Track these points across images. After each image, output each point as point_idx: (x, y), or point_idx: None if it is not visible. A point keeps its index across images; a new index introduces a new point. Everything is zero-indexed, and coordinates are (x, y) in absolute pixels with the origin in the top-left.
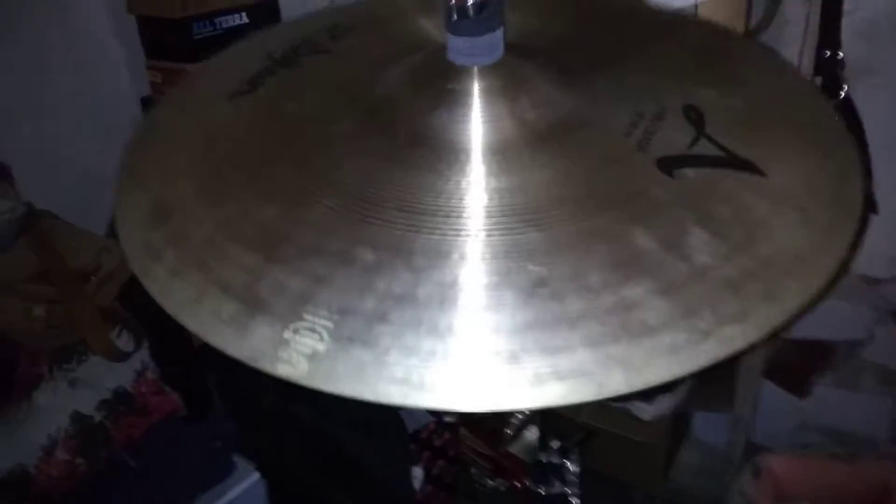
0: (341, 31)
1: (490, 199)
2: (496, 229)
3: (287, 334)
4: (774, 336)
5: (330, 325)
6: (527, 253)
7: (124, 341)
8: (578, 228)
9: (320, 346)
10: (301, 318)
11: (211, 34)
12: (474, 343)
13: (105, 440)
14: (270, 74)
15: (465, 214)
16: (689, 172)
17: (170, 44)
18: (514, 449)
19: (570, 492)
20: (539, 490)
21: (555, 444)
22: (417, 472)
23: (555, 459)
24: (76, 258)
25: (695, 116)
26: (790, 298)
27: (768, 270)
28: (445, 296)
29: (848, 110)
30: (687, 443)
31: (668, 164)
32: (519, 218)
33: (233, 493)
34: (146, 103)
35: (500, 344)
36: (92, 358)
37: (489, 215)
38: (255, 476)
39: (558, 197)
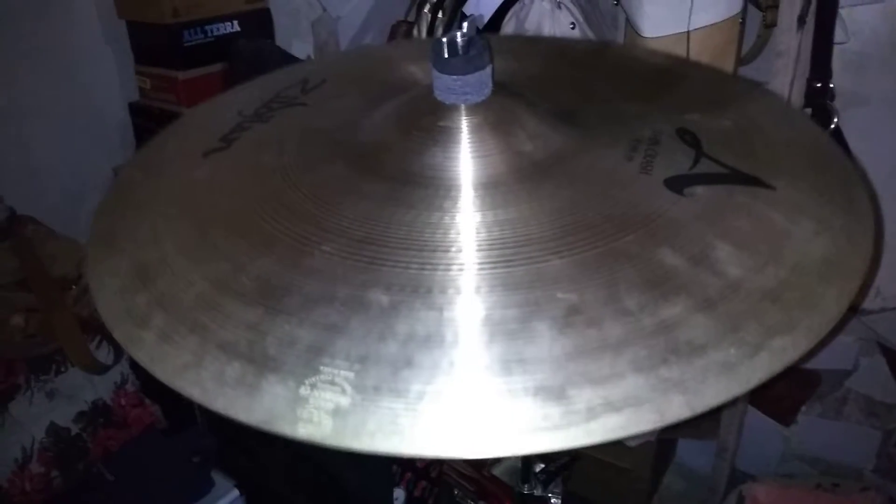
0: (312, 85)
1: (501, 230)
2: (516, 259)
3: (304, 390)
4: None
5: (351, 374)
6: (552, 281)
7: (104, 353)
8: (601, 253)
9: (343, 400)
10: (317, 372)
11: (202, 41)
12: (515, 381)
13: (82, 453)
14: (244, 129)
15: (477, 246)
16: (699, 190)
17: (159, 50)
18: (498, 472)
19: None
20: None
21: (538, 467)
22: (399, 494)
23: (538, 491)
24: (57, 266)
25: (690, 139)
26: (830, 303)
27: (802, 278)
28: (473, 332)
29: (838, 141)
30: (672, 469)
31: (677, 184)
32: (537, 246)
33: None
34: (134, 109)
35: (544, 379)
36: (70, 369)
37: (504, 245)
38: (234, 493)
39: (573, 224)
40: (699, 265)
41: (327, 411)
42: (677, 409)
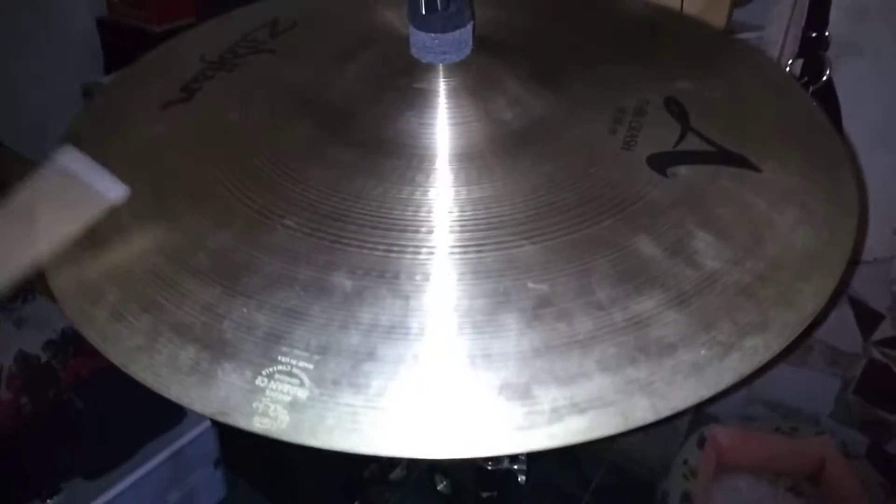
0: (282, 28)
1: (475, 209)
2: (488, 243)
3: (260, 381)
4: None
5: (310, 366)
6: (524, 269)
7: None
8: (576, 239)
9: (301, 393)
10: (275, 361)
11: None
12: (481, 378)
13: (52, 380)
14: (207, 79)
15: (449, 228)
16: (683, 170)
17: None
18: None
19: (516, 467)
20: (486, 465)
21: None
22: None
23: (504, 464)
24: None
25: (677, 110)
26: (806, 301)
27: (780, 273)
28: (441, 324)
29: (828, 94)
30: None
31: (660, 163)
32: (509, 230)
33: (183, 440)
34: (103, 25)
35: (510, 376)
36: (38, 297)
37: (476, 228)
38: (206, 424)
39: (549, 205)
40: (676, 256)
41: (284, 405)
42: (642, 412)
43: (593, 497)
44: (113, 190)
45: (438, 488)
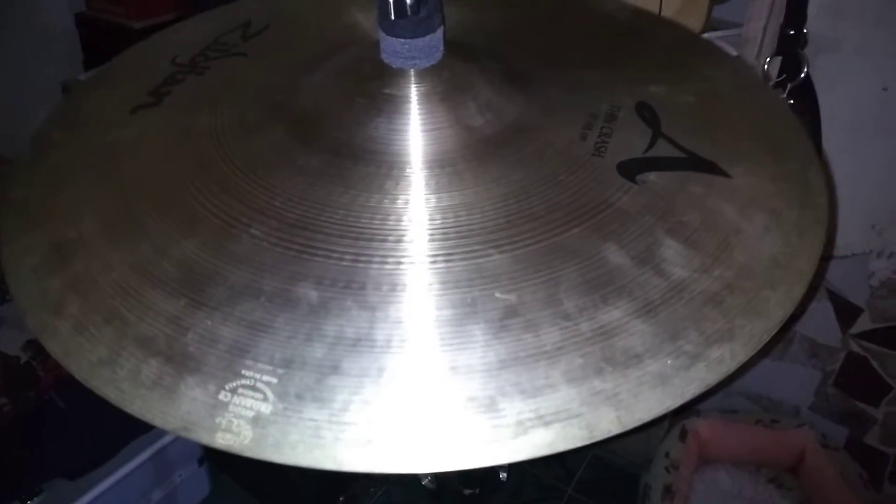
0: (254, 31)
1: (444, 218)
2: (456, 253)
3: (223, 395)
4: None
5: (274, 380)
6: (492, 278)
7: None
8: (545, 247)
9: (264, 408)
10: (239, 375)
11: None
12: (446, 390)
13: (33, 381)
14: (176, 83)
15: (418, 238)
16: (653, 177)
17: None
18: None
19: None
20: None
21: None
22: None
23: None
24: None
25: (649, 115)
26: (774, 309)
27: (747, 281)
28: (407, 336)
29: (806, 92)
30: None
31: (630, 169)
32: (479, 239)
33: (166, 438)
34: (81, 21)
35: (475, 389)
36: None
37: (446, 237)
38: None
39: (518, 213)
40: (644, 265)
41: (247, 420)
42: (607, 424)
43: (576, 490)
44: None
45: (423, 483)
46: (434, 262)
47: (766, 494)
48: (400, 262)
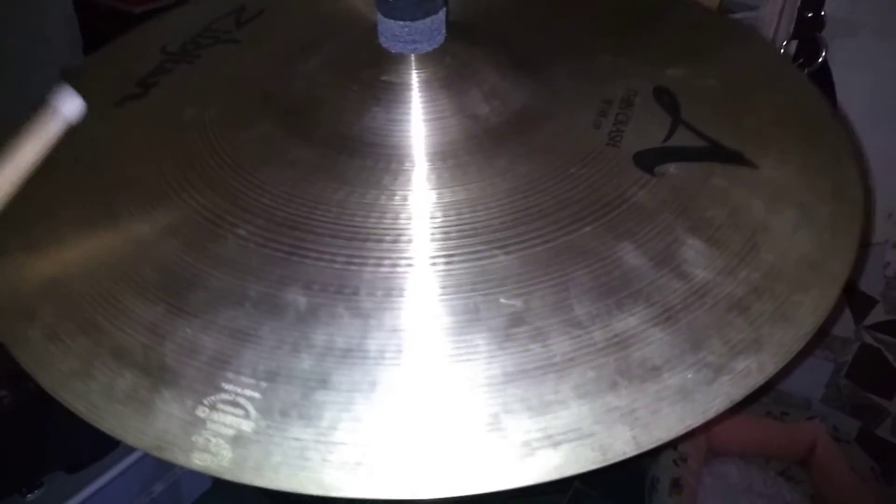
0: (248, 16)
1: (445, 215)
2: (457, 255)
3: (202, 412)
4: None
5: (256, 395)
6: (496, 282)
7: None
8: (554, 248)
9: (246, 426)
10: (219, 389)
11: None
12: (444, 407)
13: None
14: (165, 72)
15: (417, 238)
16: (672, 168)
17: None
18: None
19: None
20: None
21: None
22: None
23: None
24: None
25: (668, 100)
26: (805, 316)
27: (776, 284)
28: (402, 346)
29: (823, 77)
30: None
31: (648, 160)
32: (482, 239)
33: None
34: (80, 5)
35: (477, 405)
36: None
37: (447, 237)
38: None
39: (525, 210)
40: (663, 266)
41: (227, 439)
42: (622, 444)
43: (583, 483)
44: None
45: None
46: (434, 265)
47: (776, 488)
48: (396, 265)
